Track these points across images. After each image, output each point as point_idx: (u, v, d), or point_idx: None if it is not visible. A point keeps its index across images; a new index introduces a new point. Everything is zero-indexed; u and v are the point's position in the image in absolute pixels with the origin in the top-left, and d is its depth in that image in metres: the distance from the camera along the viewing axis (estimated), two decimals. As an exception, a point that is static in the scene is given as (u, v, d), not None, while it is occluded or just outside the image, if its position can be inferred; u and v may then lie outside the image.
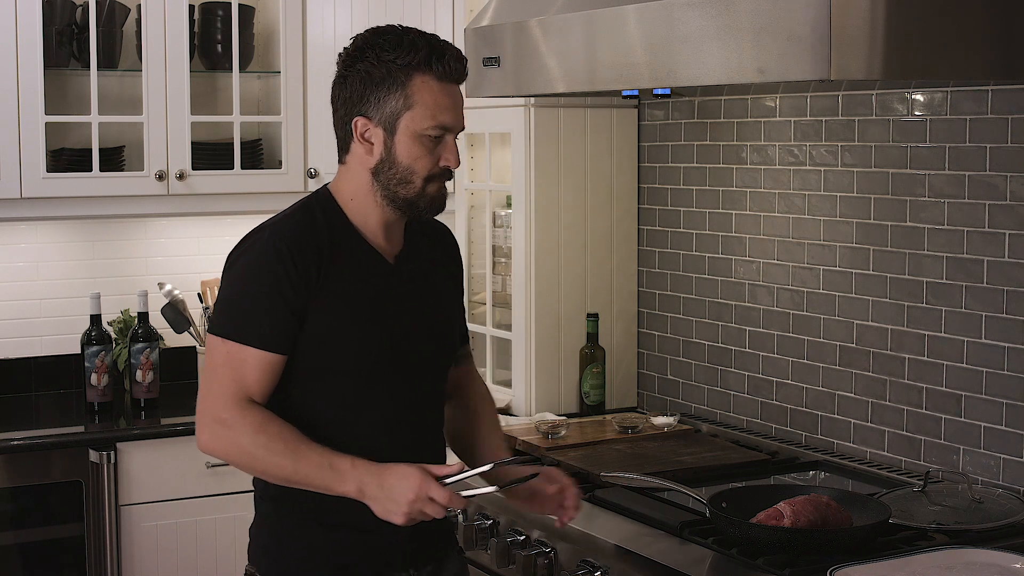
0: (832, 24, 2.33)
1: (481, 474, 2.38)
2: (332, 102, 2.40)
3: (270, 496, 2.40)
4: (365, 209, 2.38)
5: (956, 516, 2.66)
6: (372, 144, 2.33)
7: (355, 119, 2.34)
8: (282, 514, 2.40)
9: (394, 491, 2.23)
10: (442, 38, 2.36)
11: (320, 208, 2.38)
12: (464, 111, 2.38)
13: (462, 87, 2.38)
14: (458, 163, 2.35)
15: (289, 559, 2.39)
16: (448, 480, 2.28)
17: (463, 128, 2.38)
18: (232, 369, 2.29)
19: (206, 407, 2.31)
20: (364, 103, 2.32)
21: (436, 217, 2.48)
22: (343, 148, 2.40)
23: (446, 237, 2.58)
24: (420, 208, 2.36)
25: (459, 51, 2.35)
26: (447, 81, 2.32)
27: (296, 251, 2.29)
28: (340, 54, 2.38)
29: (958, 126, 2.93)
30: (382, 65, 2.30)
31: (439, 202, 2.38)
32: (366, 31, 2.38)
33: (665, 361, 3.82)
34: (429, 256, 2.50)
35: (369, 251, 2.38)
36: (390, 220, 2.39)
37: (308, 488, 2.29)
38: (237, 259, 2.35)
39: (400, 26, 2.37)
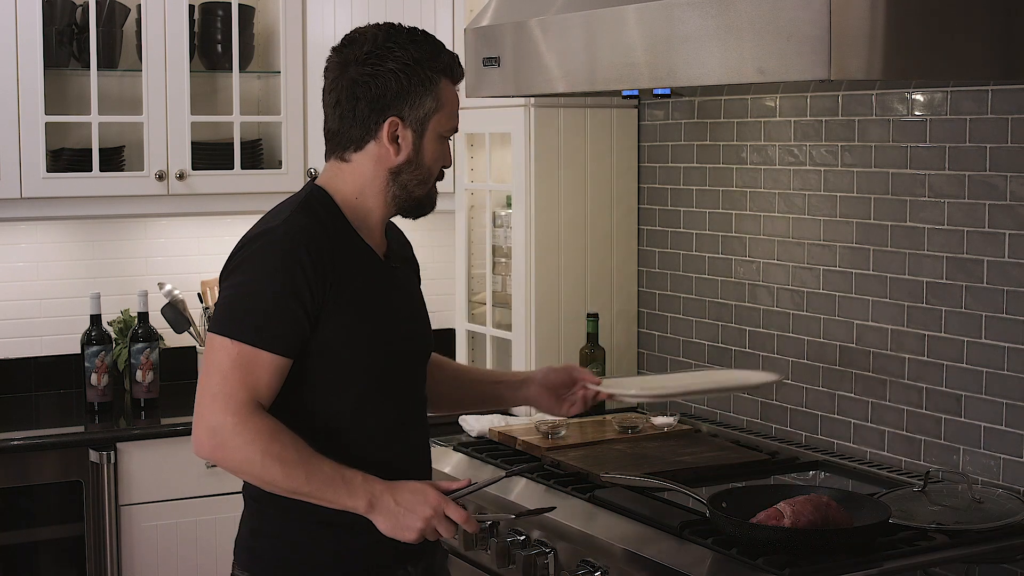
0: (832, 24, 2.33)
1: (489, 484, 2.40)
2: (344, 99, 2.33)
3: (259, 495, 2.33)
4: (368, 207, 2.35)
5: (956, 516, 2.66)
6: (400, 145, 2.32)
7: (389, 119, 2.31)
8: (273, 514, 2.34)
9: (410, 507, 2.22)
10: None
11: (320, 206, 2.33)
12: (458, 112, 2.43)
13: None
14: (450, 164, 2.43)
15: (282, 560, 2.35)
16: (457, 495, 2.29)
17: None
18: (243, 373, 2.19)
19: (210, 412, 2.20)
20: (399, 104, 2.31)
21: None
22: (353, 145, 2.34)
23: (402, 235, 2.58)
24: (425, 207, 2.41)
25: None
26: (457, 84, 2.39)
27: (313, 252, 2.24)
28: (347, 50, 2.33)
29: (958, 126, 2.93)
30: (417, 67, 2.30)
31: (434, 203, 2.43)
32: (374, 27, 2.35)
33: (665, 361, 3.82)
34: (403, 255, 2.51)
35: (367, 250, 2.36)
36: (385, 220, 2.41)
37: (314, 501, 2.23)
38: (246, 259, 2.26)
39: (404, 25, 2.37)
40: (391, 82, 2.30)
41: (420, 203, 2.39)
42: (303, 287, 2.22)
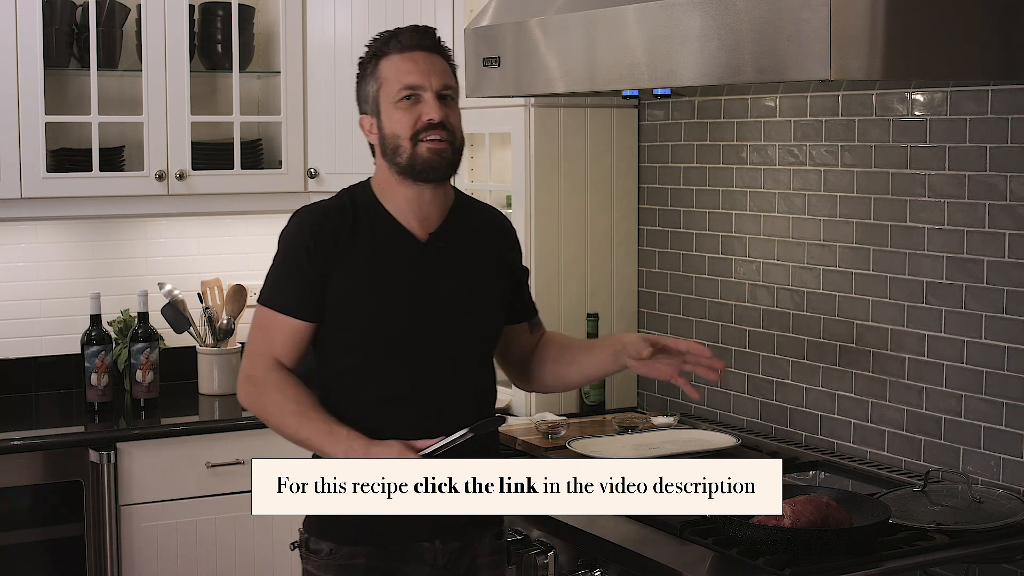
0: (832, 24, 2.33)
1: (459, 440, 2.41)
2: None
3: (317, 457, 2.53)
4: (391, 191, 2.54)
5: (956, 516, 2.66)
6: (373, 133, 2.54)
7: (359, 120, 2.57)
8: None
9: (376, 458, 2.37)
10: (414, 25, 2.56)
11: (354, 192, 2.57)
12: (450, 80, 2.52)
13: (444, 60, 2.55)
14: (439, 116, 2.46)
15: (324, 517, 2.51)
16: (426, 451, 2.39)
17: (440, 88, 2.49)
18: (264, 332, 2.53)
19: (244, 365, 2.56)
20: (359, 102, 2.57)
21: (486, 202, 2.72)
22: (371, 148, 2.59)
23: (500, 223, 2.70)
24: (417, 169, 2.49)
25: (424, 27, 2.55)
26: (408, 51, 2.50)
27: (318, 225, 2.50)
28: None
29: (958, 126, 2.93)
30: (362, 66, 2.55)
31: (435, 161, 2.48)
32: None
33: (665, 361, 3.82)
34: (473, 238, 2.60)
35: (397, 229, 2.53)
36: (417, 197, 2.53)
37: (308, 449, 2.47)
38: (279, 236, 2.56)
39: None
40: (356, 89, 2.57)
41: (410, 167, 2.49)
42: (304, 256, 2.49)
